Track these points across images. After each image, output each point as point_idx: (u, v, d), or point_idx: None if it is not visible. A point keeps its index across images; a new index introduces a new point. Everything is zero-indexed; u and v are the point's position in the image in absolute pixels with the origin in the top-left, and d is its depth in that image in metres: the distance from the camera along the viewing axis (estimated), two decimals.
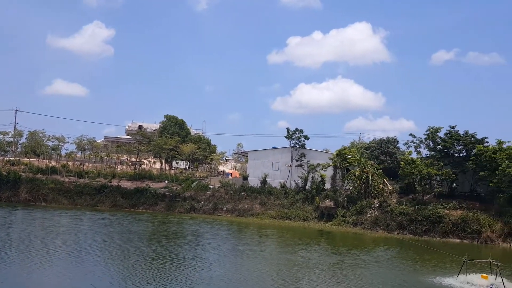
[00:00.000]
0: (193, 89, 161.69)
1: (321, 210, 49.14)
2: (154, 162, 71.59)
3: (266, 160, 59.36)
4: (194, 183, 57.41)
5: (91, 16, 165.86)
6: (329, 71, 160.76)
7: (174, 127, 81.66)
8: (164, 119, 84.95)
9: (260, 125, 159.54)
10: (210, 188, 55.82)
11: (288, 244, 31.52)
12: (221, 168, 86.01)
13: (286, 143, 59.57)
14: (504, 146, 43.70)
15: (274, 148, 61.42)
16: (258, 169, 59.00)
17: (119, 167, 65.64)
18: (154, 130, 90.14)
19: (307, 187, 54.11)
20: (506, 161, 40.59)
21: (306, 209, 49.97)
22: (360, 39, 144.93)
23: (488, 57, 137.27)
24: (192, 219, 44.46)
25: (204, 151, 76.50)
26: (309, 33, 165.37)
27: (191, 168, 75.84)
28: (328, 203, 49.30)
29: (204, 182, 58.95)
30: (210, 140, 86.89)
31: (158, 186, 55.22)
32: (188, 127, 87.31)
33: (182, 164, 75.41)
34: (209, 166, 79.35)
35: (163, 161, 71.85)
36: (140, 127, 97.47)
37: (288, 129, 58.44)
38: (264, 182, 56.41)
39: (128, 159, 73.11)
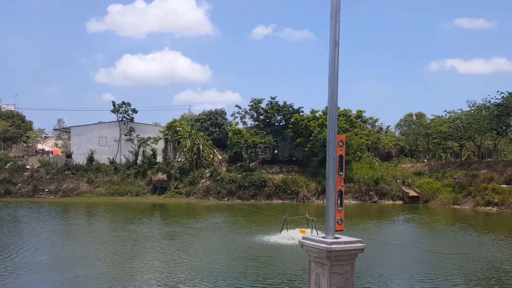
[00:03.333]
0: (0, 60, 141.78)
1: (154, 183, 49.34)
2: None
3: (92, 136, 56.50)
4: (8, 164, 51.77)
5: None
6: (155, 42, 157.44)
7: None
8: None
9: (83, 98, 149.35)
10: (27, 168, 51.02)
11: (120, 220, 31.11)
12: (40, 146, 78.63)
13: (113, 117, 57.50)
14: (317, 114, 49.65)
15: (100, 122, 58.72)
16: (83, 146, 55.85)
17: None
18: None
19: (138, 161, 53.49)
20: (318, 128, 46.27)
21: (138, 184, 49.57)
22: (183, 11, 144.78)
23: (301, 33, 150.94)
24: (8, 204, 40.26)
25: (18, 128, 69.01)
26: (131, 1, 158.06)
27: (3, 148, 67.76)
28: (161, 176, 49.71)
29: (20, 162, 53.53)
30: (24, 116, 78.53)
31: None
32: None
33: None
34: (25, 144, 71.87)
35: None
36: None
37: (114, 102, 56.42)
38: (91, 159, 53.74)
39: None
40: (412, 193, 44.48)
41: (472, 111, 51.12)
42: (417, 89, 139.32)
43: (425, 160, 64.42)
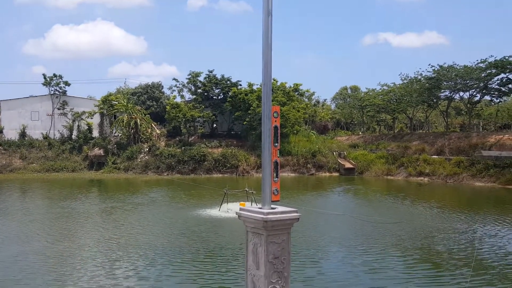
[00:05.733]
0: None
1: (90, 159, 47.92)
2: None
3: (24, 110, 53.69)
4: None
5: None
6: (86, 12, 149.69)
7: None
8: None
9: (11, 71, 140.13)
10: None
11: (56, 197, 30.01)
12: None
13: (45, 90, 54.82)
14: (254, 88, 49.80)
15: (31, 96, 55.80)
16: (14, 121, 53.05)
17: None
18: None
19: (73, 136, 51.64)
20: (256, 102, 46.53)
21: (74, 160, 47.97)
22: None
23: (237, 5, 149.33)
24: None
25: None
26: None
27: None
28: (98, 151, 48.31)
29: None
30: None
31: None
32: None
33: None
34: None
35: None
36: None
37: (45, 75, 53.74)
38: (23, 134, 51.28)
39: None
40: (348, 165, 46.21)
41: (405, 84, 53.24)
42: (352, 62, 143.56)
43: (360, 133, 66.72)
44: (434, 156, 42.49)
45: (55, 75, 53.82)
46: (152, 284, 11.82)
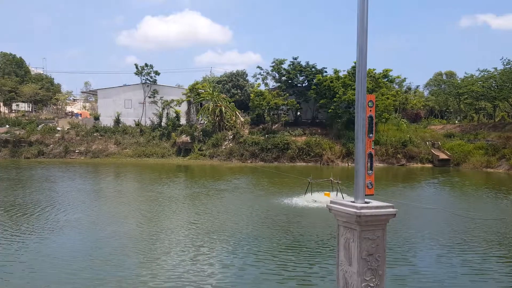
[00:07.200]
0: (27, 22, 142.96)
1: (178, 145, 49.67)
2: None
3: (118, 98, 57.00)
4: (40, 126, 52.97)
5: None
6: (175, 3, 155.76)
7: (10, 66, 72.64)
8: None
9: (106, 61, 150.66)
10: (58, 130, 52.16)
11: (146, 181, 31.40)
12: (69, 108, 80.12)
13: (137, 79, 57.78)
14: (340, 74, 48.25)
15: (125, 85, 59.11)
16: (110, 108, 56.54)
17: None
18: None
19: (162, 123, 53.89)
20: (342, 89, 45.06)
21: (163, 146, 50.06)
22: None
23: None
24: (41, 164, 41.32)
25: (47, 91, 70.09)
26: None
27: (35, 110, 69.19)
28: (185, 138, 49.92)
29: (51, 124, 54.71)
30: (53, 79, 79.68)
31: None
32: (27, 66, 78.44)
33: (24, 107, 68.50)
34: (55, 107, 73.27)
35: (1, 104, 64.30)
36: None
37: (137, 65, 56.50)
38: (117, 121, 54.61)
39: None
40: (442, 155, 43.35)
41: (507, 70, 48.81)
42: (447, 47, 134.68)
43: (456, 122, 62.66)
44: None
45: (146, 65, 56.37)
46: (235, 272, 11.56)
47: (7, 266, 11.70)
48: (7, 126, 53.00)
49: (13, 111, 66.11)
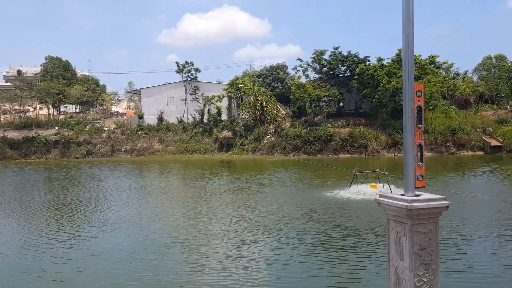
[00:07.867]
0: (72, 26, 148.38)
1: (220, 141, 50.00)
2: (41, 108, 66.76)
3: (160, 97, 58.06)
4: (87, 126, 54.81)
5: None
6: None
7: (57, 69, 75.58)
8: (45, 61, 77.97)
9: (148, 60, 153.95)
10: (105, 130, 53.80)
11: (190, 177, 31.81)
12: (114, 108, 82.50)
13: (178, 77, 58.70)
14: (384, 62, 46.91)
15: (167, 83, 60.17)
16: (153, 106, 57.68)
17: (2, 117, 60.66)
18: (35, 74, 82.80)
19: (204, 120, 54.41)
20: (386, 77, 43.83)
21: (205, 142, 50.55)
22: None
23: None
24: (90, 163, 42.76)
25: (93, 92, 72.42)
26: None
27: (82, 112, 71.71)
28: (227, 133, 50.20)
29: (98, 124, 56.50)
30: (98, 80, 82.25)
31: (48, 133, 52.11)
32: (73, 68, 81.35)
33: (72, 108, 71.12)
34: (101, 107, 75.64)
35: (50, 106, 66.97)
36: (19, 72, 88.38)
37: (177, 63, 57.38)
38: (160, 119, 55.68)
39: (11, 107, 67.20)
40: (494, 142, 41.46)
41: None
42: (495, 29, 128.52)
43: (508, 107, 59.62)
44: None
45: (187, 63, 57.08)
46: (281, 268, 11.37)
47: (59, 265, 12.05)
48: (57, 127, 55.20)
49: (62, 113, 68.84)
